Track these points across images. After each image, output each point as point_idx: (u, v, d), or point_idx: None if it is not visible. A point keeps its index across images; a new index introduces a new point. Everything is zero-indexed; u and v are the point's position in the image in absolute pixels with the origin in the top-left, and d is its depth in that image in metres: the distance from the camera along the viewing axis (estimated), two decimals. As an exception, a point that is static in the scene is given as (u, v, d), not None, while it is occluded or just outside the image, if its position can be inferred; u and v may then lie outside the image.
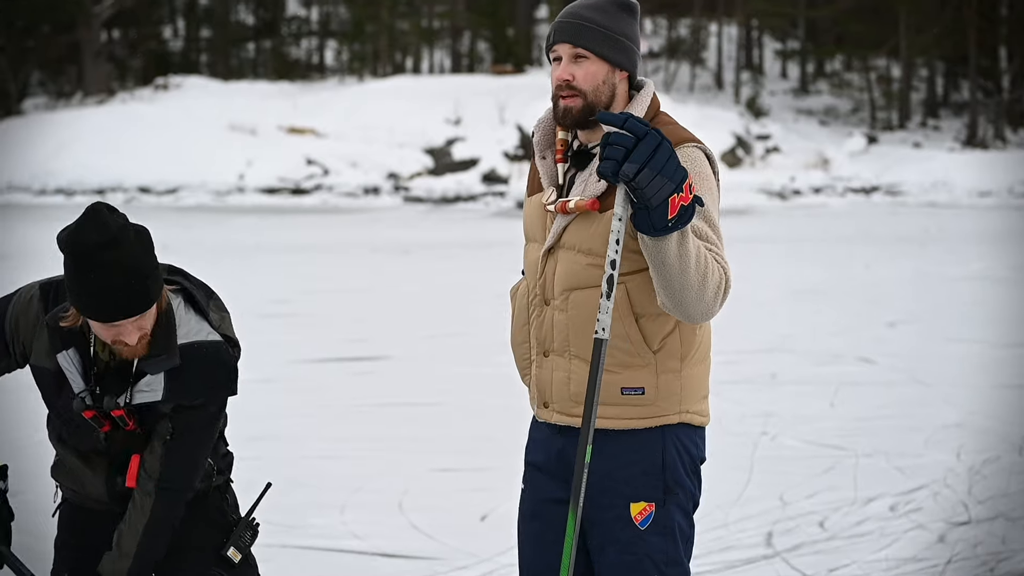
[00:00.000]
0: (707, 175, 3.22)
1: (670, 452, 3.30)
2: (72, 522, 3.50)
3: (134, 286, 3.09)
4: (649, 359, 3.26)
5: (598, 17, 3.25)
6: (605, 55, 3.24)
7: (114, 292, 3.08)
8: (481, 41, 47.56)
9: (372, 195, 31.81)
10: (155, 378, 3.22)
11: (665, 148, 2.94)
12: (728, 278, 3.14)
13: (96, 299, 3.09)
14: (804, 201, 32.13)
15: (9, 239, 22.11)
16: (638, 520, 3.28)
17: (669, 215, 2.95)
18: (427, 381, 9.93)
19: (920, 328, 12.71)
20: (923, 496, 6.71)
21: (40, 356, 3.29)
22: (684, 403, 3.31)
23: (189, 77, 39.48)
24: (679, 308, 3.10)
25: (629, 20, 3.28)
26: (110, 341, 3.16)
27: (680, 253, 3.02)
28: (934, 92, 44.76)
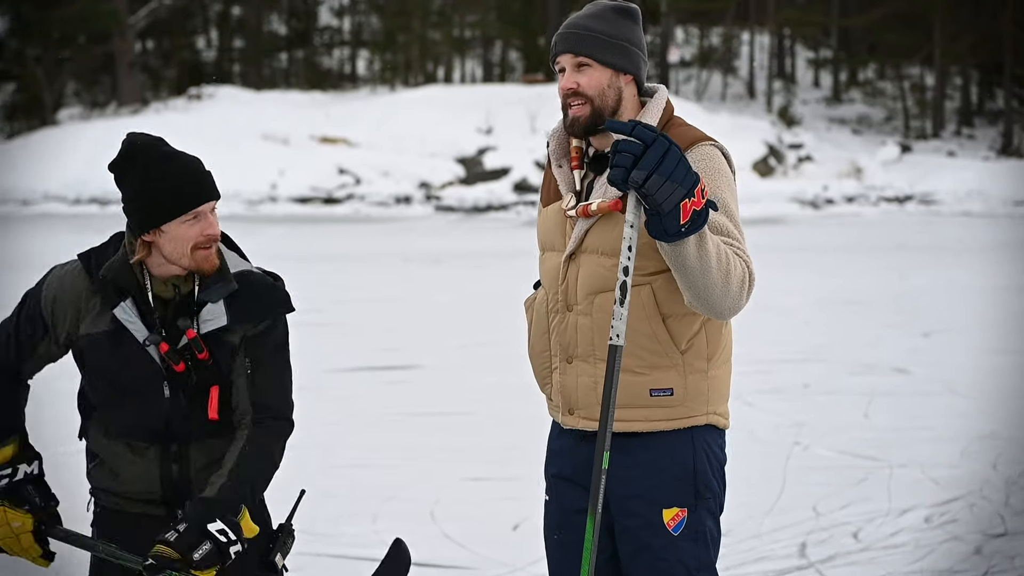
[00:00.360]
0: (724, 171, 3.24)
1: (700, 456, 3.31)
2: (110, 531, 3.44)
3: (205, 170, 3.20)
4: (677, 359, 3.27)
5: (597, 24, 3.28)
6: (607, 61, 3.27)
7: (196, 173, 3.18)
8: (512, 50, 47.62)
9: (404, 204, 31.87)
10: (216, 306, 3.24)
11: (674, 154, 2.94)
12: (751, 271, 3.15)
13: (183, 184, 3.15)
14: (837, 210, 31.98)
15: (47, 249, 22.26)
16: (671, 526, 3.27)
17: (681, 220, 2.96)
18: (459, 390, 9.92)
19: (955, 338, 12.62)
20: (959, 507, 6.65)
21: (92, 322, 3.27)
22: (711, 404, 3.33)
23: (222, 87, 39.66)
24: (706, 306, 3.11)
25: (630, 25, 3.30)
26: (200, 237, 3.18)
27: (700, 254, 3.03)
28: (968, 101, 44.52)
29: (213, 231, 3.21)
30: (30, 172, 32.58)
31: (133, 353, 3.25)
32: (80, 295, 3.28)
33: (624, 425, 3.29)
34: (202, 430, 3.34)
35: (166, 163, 3.18)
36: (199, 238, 3.20)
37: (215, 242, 3.23)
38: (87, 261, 3.29)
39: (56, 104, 42.50)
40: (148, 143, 3.22)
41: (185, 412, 3.30)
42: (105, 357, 3.27)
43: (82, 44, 43.44)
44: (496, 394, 9.76)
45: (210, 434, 3.35)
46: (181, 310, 3.26)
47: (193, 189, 3.18)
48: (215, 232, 3.21)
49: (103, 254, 3.29)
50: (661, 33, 43.72)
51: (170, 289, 3.25)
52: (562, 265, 3.34)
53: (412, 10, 44.66)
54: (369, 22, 51.14)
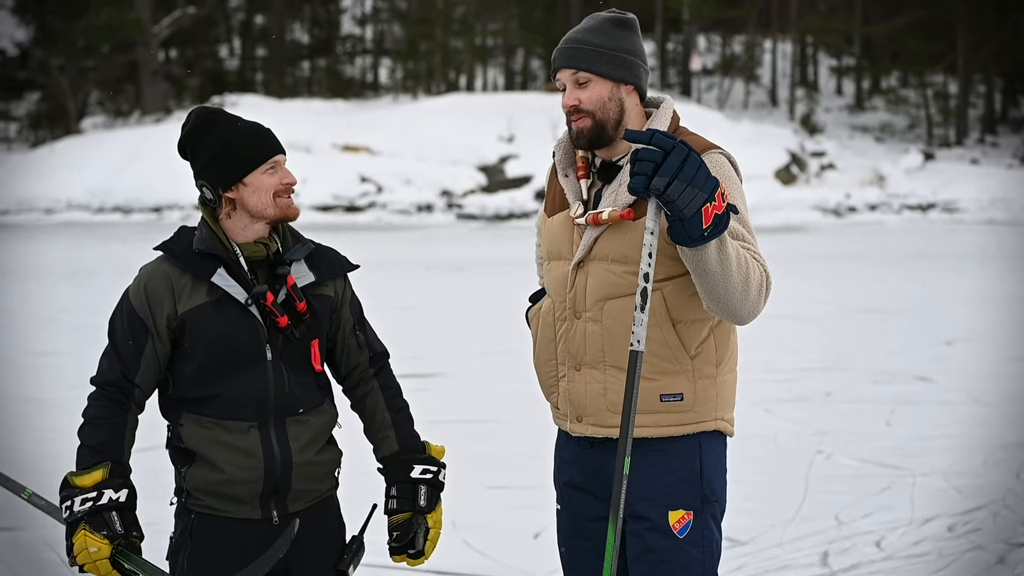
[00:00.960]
0: (732, 178, 3.27)
1: (708, 461, 3.32)
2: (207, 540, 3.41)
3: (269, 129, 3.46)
4: (686, 364, 3.29)
5: (594, 38, 3.29)
6: (605, 73, 3.28)
7: (265, 131, 3.43)
8: (534, 58, 47.66)
9: (425, 212, 31.93)
10: (300, 265, 3.44)
11: (693, 160, 2.97)
12: (768, 275, 3.18)
13: (257, 138, 3.39)
14: (859, 218, 31.92)
15: (71, 257, 22.37)
16: (676, 528, 3.29)
17: (704, 225, 2.98)
18: (481, 398, 9.93)
19: (978, 347, 12.58)
20: (982, 516, 6.63)
21: (189, 298, 3.34)
22: (720, 409, 3.34)
23: (245, 95, 39.83)
24: (726, 311, 3.14)
25: (627, 35, 3.32)
26: (280, 185, 3.38)
27: (721, 259, 3.05)
28: (992, 108, 44.37)
29: (291, 179, 3.41)
30: (54, 181, 32.75)
31: (235, 317, 3.34)
32: (170, 278, 3.35)
33: (635, 431, 3.30)
34: (300, 402, 3.41)
35: (239, 123, 3.41)
36: (279, 186, 3.38)
37: (293, 190, 3.43)
38: (166, 249, 3.39)
39: (80, 113, 42.73)
40: (218, 111, 3.45)
41: (286, 378, 3.39)
42: (208, 328, 3.33)
43: (106, 53, 43.68)
44: (518, 402, 9.76)
45: (306, 408, 3.43)
46: (271, 271, 3.41)
47: (267, 141, 3.41)
48: (292, 179, 3.42)
49: (178, 242, 3.39)
50: (683, 41, 43.71)
51: (261, 249, 3.38)
52: (570, 273, 3.35)
53: (434, 18, 44.77)
54: (391, 30, 51.27)
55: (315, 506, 3.47)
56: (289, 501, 3.40)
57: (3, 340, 13.08)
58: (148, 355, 3.35)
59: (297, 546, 3.41)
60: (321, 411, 3.48)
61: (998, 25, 42.67)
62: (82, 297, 16.33)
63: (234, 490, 3.37)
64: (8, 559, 5.94)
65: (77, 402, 3.35)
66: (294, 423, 3.40)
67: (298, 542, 3.41)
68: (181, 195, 31.82)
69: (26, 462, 7.83)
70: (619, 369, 3.30)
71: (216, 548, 3.39)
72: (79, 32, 41.88)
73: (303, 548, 3.43)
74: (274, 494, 3.37)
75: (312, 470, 3.43)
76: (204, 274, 3.32)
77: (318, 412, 3.46)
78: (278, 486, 3.37)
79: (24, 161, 35.24)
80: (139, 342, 3.35)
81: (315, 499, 3.47)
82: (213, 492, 3.38)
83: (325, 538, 3.48)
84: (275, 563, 3.30)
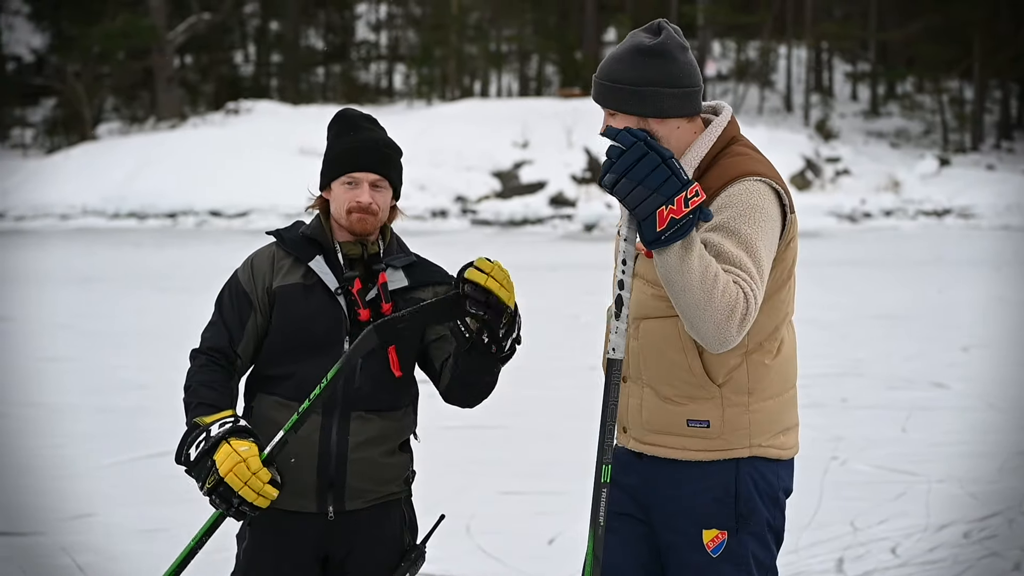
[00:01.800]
0: (757, 206, 3.15)
1: (744, 481, 3.26)
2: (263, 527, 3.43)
3: (385, 150, 3.54)
4: (714, 392, 3.25)
5: (618, 73, 3.23)
6: (630, 111, 3.22)
7: (367, 146, 3.52)
8: (549, 64, 47.68)
9: (440, 218, 31.94)
10: (396, 272, 3.55)
11: (650, 160, 2.92)
12: (748, 303, 3.03)
13: (349, 152, 3.51)
14: (875, 224, 31.85)
15: (87, 262, 22.43)
16: (710, 547, 3.26)
17: (658, 227, 2.93)
18: (494, 404, 9.88)
19: (994, 353, 12.54)
20: (997, 523, 6.60)
21: (285, 276, 3.50)
22: (754, 438, 3.27)
23: (259, 102, 39.89)
24: (692, 328, 3.05)
25: (655, 63, 3.21)
26: (352, 203, 3.48)
27: (681, 268, 2.97)
28: (1008, 114, 44.25)
29: (362, 199, 3.48)
30: (69, 186, 32.84)
31: (322, 303, 3.46)
32: (273, 257, 3.54)
33: (662, 451, 3.30)
34: (370, 400, 3.45)
35: (352, 133, 3.55)
36: (351, 203, 3.48)
37: (364, 210, 3.49)
38: (276, 234, 3.58)
39: (95, 119, 42.86)
40: (352, 114, 3.61)
41: (359, 372, 3.44)
42: (295, 307, 3.47)
43: (121, 59, 43.81)
44: (532, 408, 9.75)
45: (377, 408, 3.47)
46: (367, 269, 3.53)
47: (353, 158, 3.51)
48: (363, 200, 3.49)
49: (289, 229, 3.59)
50: (698, 47, 43.67)
51: (358, 248, 3.52)
52: None
53: (449, 24, 44.82)
54: (406, 36, 51.34)
55: (376, 507, 3.48)
56: (347, 498, 3.42)
57: (16, 345, 13.11)
58: (250, 328, 3.49)
59: (354, 546, 3.44)
60: (394, 415, 3.53)
61: (1014, 30, 42.55)
62: (95, 303, 16.35)
63: (291, 477, 3.39)
64: (22, 564, 5.95)
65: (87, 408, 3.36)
66: (359, 419, 3.44)
67: (353, 541, 3.44)
68: (196, 201, 31.87)
69: (35, 468, 7.85)
70: (653, 389, 3.30)
71: (270, 541, 3.43)
72: (94, 38, 42.00)
73: (360, 549, 3.45)
74: (330, 487, 3.40)
75: (371, 469, 3.45)
76: (304, 258, 3.49)
77: (390, 415, 3.51)
78: (332, 480, 3.40)
79: (40, 167, 35.34)
80: (243, 315, 3.49)
81: (376, 500, 3.48)
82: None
83: (384, 542, 3.49)
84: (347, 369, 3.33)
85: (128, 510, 6.81)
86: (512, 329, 3.39)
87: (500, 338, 3.37)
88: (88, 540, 6.31)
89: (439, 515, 3.61)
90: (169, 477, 7.57)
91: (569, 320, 14.69)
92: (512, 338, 3.40)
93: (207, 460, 3.26)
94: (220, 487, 3.23)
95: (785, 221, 3.23)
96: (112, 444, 8.38)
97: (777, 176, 3.25)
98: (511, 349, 3.43)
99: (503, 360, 3.46)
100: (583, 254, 24.59)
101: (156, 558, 5.79)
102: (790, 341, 3.35)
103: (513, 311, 3.36)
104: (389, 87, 50.12)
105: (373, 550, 3.47)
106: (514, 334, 3.40)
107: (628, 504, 3.36)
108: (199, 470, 3.27)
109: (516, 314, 3.38)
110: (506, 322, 3.36)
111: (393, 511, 3.54)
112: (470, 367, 3.46)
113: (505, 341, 3.39)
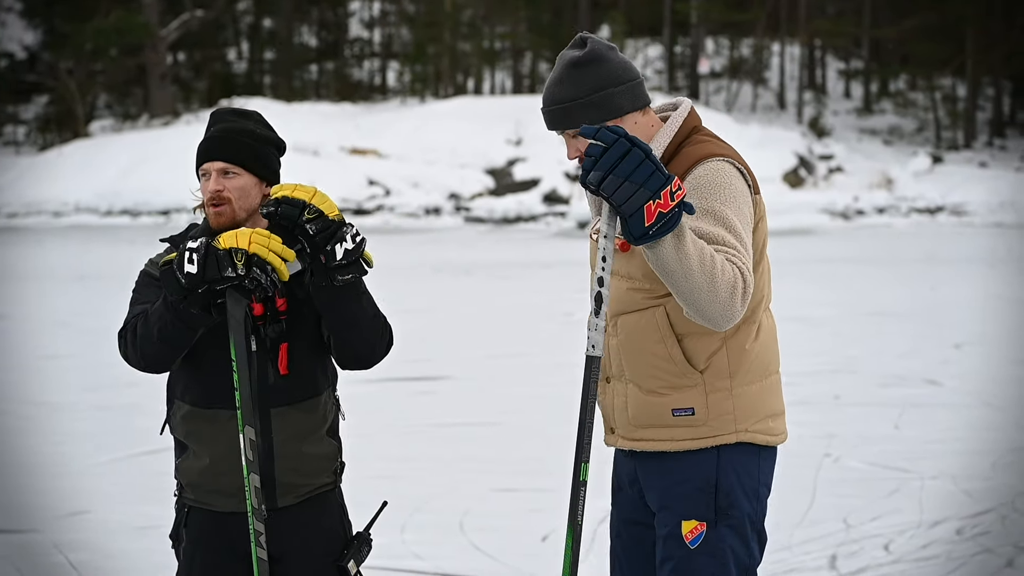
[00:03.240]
0: (725, 184, 3.19)
1: (726, 473, 3.29)
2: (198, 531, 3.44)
3: (238, 138, 3.39)
4: (696, 379, 3.27)
5: (560, 92, 3.25)
6: (584, 122, 3.22)
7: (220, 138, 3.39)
8: (542, 62, 47.65)
9: (433, 215, 31.94)
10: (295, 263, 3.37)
11: (634, 156, 2.92)
12: (744, 277, 3.08)
13: (206, 143, 3.40)
14: (868, 221, 31.86)
15: (81, 260, 22.40)
16: (688, 539, 3.28)
17: (646, 222, 2.93)
18: (487, 401, 9.93)
19: (987, 350, 12.55)
20: (991, 520, 6.61)
21: None
22: (740, 422, 3.29)
23: (253, 98, 39.83)
24: (698, 313, 3.07)
25: (589, 71, 3.24)
26: (207, 195, 3.38)
27: (679, 256, 2.99)
28: (1001, 111, 44.30)
29: (214, 187, 3.38)
30: (62, 184, 32.79)
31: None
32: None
33: (650, 444, 3.32)
34: (285, 394, 3.39)
35: (212, 127, 3.44)
36: (207, 195, 3.41)
37: (215, 200, 3.38)
38: (169, 240, 3.50)
39: (88, 116, 42.79)
40: (221, 110, 3.51)
41: (270, 368, 3.38)
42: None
43: (114, 56, 43.72)
44: (525, 405, 9.76)
45: (293, 400, 3.41)
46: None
47: (202, 151, 3.41)
48: (215, 188, 3.38)
49: (183, 235, 3.50)
50: (691, 44, 43.69)
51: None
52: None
53: (442, 22, 44.77)
54: (399, 34, 51.28)
55: (308, 501, 3.45)
56: (278, 495, 3.39)
57: (11, 343, 13.10)
58: None
59: (287, 542, 3.40)
60: (313, 404, 3.45)
61: (1007, 28, 42.59)
62: (90, 300, 16.34)
63: (219, 482, 3.38)
64: (16, 562, 5.95)
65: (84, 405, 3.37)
66: (279, 415, 3.39)
67: (289, 538, 3.40)
68: (189, 198, 31.81)
69: (33, 465, 7.85)
70: (637, 385, 3.31)
71: (205, 542, 3.41)
72: (87, 35, 41.92)
73: (293, 544, 3.42)
74: (261, 486, 3.35)
75: (299, 464, 3.42)
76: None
77: (309, 405, 3.44)
78: (263, 478, 3.35)
79: (32, 164, 35.29)
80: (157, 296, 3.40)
81: (308, 494, 3.45)
82: (200, 484, 3.41)
83: (318, 535, 3.46)
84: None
85: (123, 508, 6.81)
86: (332, 236, 3.24)
87: (319, 240, 3.23)
88: (83, 538, 6.31)
89: (382, 501, 3.59)
90: (158, 474, 7.57)
91: (562, 317, 14.69)
92: (344, 248, 3.24)
93: (215, 253, 3.21)
94: (254, 259, 3.21)
95: (752, 201, 3.26)
96: (108, 441, 8.38)
97: (740, 158, 3.29)
98: (345, 263, 3.25)
99: (341, 266, 3.26)
100: (576, 251, 24.61)
101: (151, 555, 5.80)
102: (768, 326, 3.37)
103: (322, 212, 3.23)
104: (382, 84, 50.07)
105: (312, 544, 3.45)
106: (343, 242, 3.25)
107: (638, 511, 3.40)
108: (213, 266, 3.20)
109: (340, 224, 3.25)
110: (316, 219, 3.23)
111: (328, 502, 3.51)
112: (322, 303, 3.33)
113: (329, 244, 3.24)
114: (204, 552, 3.42)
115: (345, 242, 3.24)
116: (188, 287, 3.21)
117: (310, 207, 3.22)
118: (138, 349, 3.34)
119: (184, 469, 3.44)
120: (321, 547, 3.45)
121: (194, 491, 3.43)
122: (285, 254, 3.24)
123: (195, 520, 3.43)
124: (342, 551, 3.46)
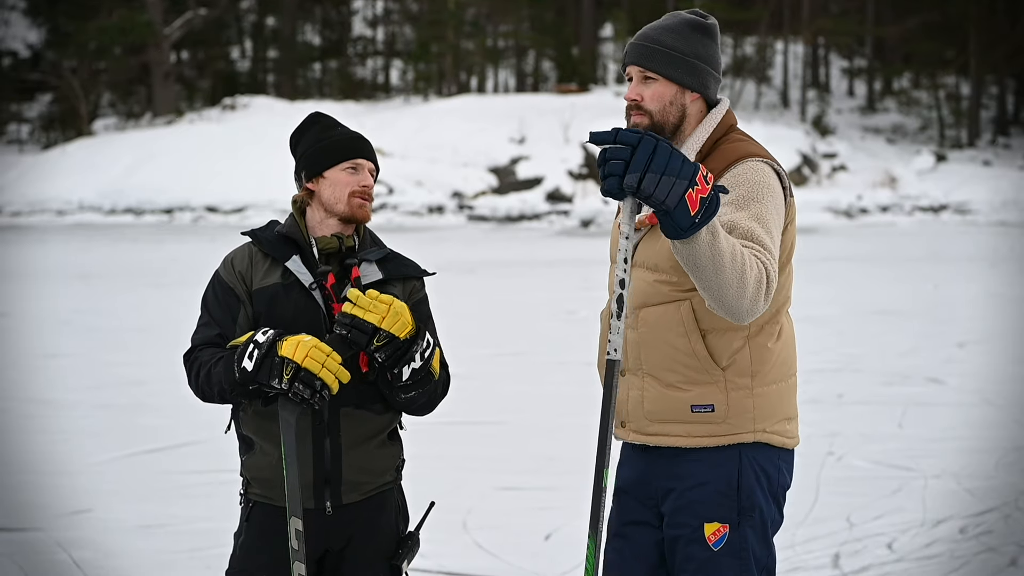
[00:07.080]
0: (763, 183, 3.19)
1: (747, 473, 3.27)
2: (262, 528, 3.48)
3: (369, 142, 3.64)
4: (718, 376, 3.25)
5: (668, 39, 3.26)
6: (672, 76, 3.25)
7: (361, 139, 3.62)
8: (546, 60, 47.67)
9: (436, 214, 31.95)
10: (370, 266, 3.55)
11: (663, 149, 2.86)
12: (769, 273, 3.06)
13: (348, 141, 3.59)
14: (871, 220, 31.86)
15: (84, 258, 22.41)
16: (711, 541, 3.26)
17: (691, 211, 2.86)
18: (491, 399, 9.92)
19: (990, 349, 12.55)
20: (994, 519, 6.61)
21: (263, 277, 3.51)
22: (759, 422, 3.28)
23: (256, 97, 39.87)
24: (723, 308, 3.04)
25: (704, 41, 3.28)
26: (357, 186, 3.53)
27: (712, 252, 2.95)
28: (1004, 110, 44.27)
29: (368, 183, 3.55)
30: (66, 182, 32.83)
31: (301, 302, 3.46)
32: (252, 256, 3.55)
33: (668, 440, 3.29)
34: (357, 396, 3.44)
35: (340, 127, 3.64)
36: (356, 187, 3.53)
37: (369, 194, 3.55)
38: (252, 234, 3.58)
39: (92, 115, 42.82)
40: (328, 116, 3.70)
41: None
42: (276, 309, 3.47)
43: (118, 55, 43.77)
44: (528, 403, 9.76)
45: (363, 403, 3.47)
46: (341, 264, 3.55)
47: (356, 146, 3.59)
48: (369, 184, 3.56)
49: (265, 229, 3.60)
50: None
51: (334, 242, 3.53)
52: None
53: (446, 20, 44.79)
54: (403, 32, 51.31)
55: (371, 499, 3.51)
56: (343, 492, 3.45)
57: (14, 341, 13.11)
58: (241, 321, 3.49)
59: (352, 538, 3.47)
60: (381, 407, 3.52)
61: (1010, 26, 42.57)
62: (93, 299, 16.34)
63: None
64: (19, 560, 5.95)
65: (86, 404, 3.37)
66: (348, 415, 3.45)
67: (350, 533, 3.47)
68: (193, 197, 31.86)
69: (35, 464, 7.85)
70: (655, 378, 3.29)
71: (268, 538, 3.46)
72: (91, 34, 41.97)
73: (358, 540, 3.48)
74: (326, 484, 3.42)
75: (365, 463, 3.48)
76: (281, 258, 3.50)
77: (377, 408, 3.51)
78: (328, 476, 3.43)
79: (36, 163, 35.32)
80: (232, 309, 3.49)
81: (371, 492, 3.51)
82: (266, 480, 3.46)
83: (381, 532, 3.53)
84: None
85: (125, 506, 6.81)
86: (403, 357, 3.35)
87: (387, 363, 3.35)
88: (85, 536, 6.31)
89: (429, 502, 3.61)
90: (166, 473, 7.57)
91: (566, 315, 14.69)
92: (411, 367, 3.36)
93: (272, 359, 3.29)
94: (301, 373, 3.27)
95: (786, 203, 3.26)
96: (110, 440, 8.38)
97: (777, 161, 3.30)
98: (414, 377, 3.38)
99: (407, 386, 3.40)
100: (580, 250, 24.61)
101: (153, 554, 5.79)
102: (789, 328, 3.37)
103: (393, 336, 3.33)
104: (386, 83, 50.09)
105: (370, 541, 3.50)
106: (411, 363, 3.36)
107: (642, 511, 3.37)
108: (266, 371, 3.28)
109: (411, 342, 3.36)
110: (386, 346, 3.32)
111: (388, 501, 3.57)
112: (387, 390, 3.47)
113: (397, 367, 3.35)
114: (266, 545, 3.46)
115: (413, 362, 3.37)
116: (240, 382, 3.32)
117: (380, 334, 3.31)
118: (201, 392, 3.45)
119: (250, 465, 3.50)
120: (378, 545, 3.52)
121: (261, 486, 3.49)
122: (340, 374, 3.31)
123: (258, 515, 3.49)
124: (396, 550, 3.54)
